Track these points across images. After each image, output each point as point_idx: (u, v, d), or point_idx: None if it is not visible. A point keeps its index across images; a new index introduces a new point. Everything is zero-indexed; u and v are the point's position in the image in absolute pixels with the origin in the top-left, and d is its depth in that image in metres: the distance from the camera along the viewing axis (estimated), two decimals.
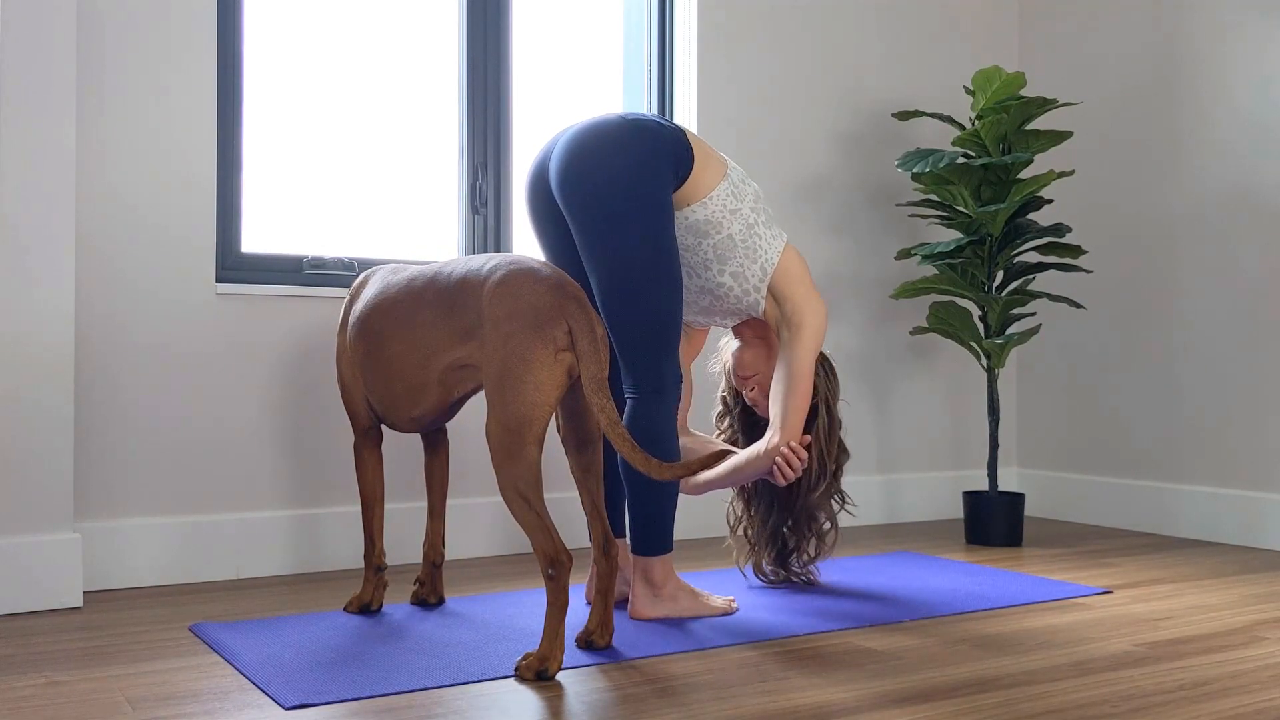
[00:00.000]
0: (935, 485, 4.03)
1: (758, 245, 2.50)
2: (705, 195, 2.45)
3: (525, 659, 2.01)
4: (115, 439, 2.78)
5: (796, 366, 2.49)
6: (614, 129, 2.37)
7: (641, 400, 2.38)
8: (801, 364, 2.49)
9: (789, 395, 2.49)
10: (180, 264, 2.85)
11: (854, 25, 3.89)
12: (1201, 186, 3.61)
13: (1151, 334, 3.75)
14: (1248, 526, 3.46)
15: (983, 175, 3.41)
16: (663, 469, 2.03)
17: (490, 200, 3.32)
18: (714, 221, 2.46)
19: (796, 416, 2.49)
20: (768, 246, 2.51)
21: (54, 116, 2.55)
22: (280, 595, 2.69)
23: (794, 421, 2.49)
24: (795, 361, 2.49)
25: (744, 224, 2.48)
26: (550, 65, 3.47)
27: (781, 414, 2.49)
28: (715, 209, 2.46)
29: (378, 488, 2.50)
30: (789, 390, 2.49)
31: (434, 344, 2.24)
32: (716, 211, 2.46)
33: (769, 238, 2.51)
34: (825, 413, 2.63)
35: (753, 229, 2.49)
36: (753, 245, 2.50)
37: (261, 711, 1.81)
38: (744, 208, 2.49)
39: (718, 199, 2.45)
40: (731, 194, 2.47)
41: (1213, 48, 3.58)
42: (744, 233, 2.48)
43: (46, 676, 2.00)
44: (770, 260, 2.51)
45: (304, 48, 3.12)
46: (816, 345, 2.51)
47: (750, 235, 2.49)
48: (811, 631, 2.33)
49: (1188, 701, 1.88)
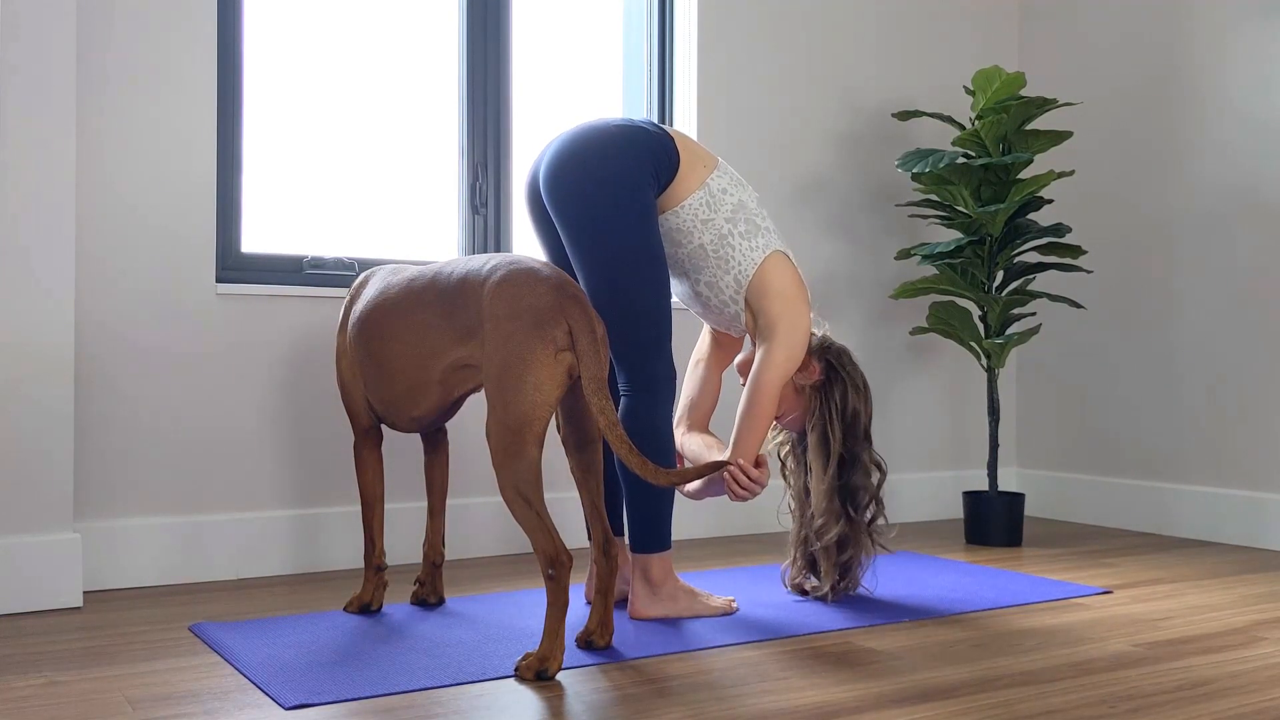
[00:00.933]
0: (935, 485, 4.03)
1: (730, 256, 2.46)
2: (678, 204, 2.45)
3: (525, 659, 2.01)
4: (115, 439, 2.78)
5: (757, 386, 2.43)
6: (599, 134, 2.40)
7: (634, 398, 2.39)
8: (763, 383, 2.42)
9: (743, 415, 2.44)
10: (180, 264, 2.85)
11: (854, 25, 3.89)
12: (1201, 186, 3.61)
13: (1151, 334, 3.75)
14: (1248, 526, 3.46)
15: (983, 175, 3.41)
16: (659, 474, 2.03)
17: (490, 200, 3.32)
18: (684, 230, 2.47)
19: (749, 437, 2.43)
20: (742, 258, 2.46)
21: (54, 116, 2.55)
22: (280, 595, 2.69)
23: (744, 443, 2.44)
24: (757, 380, 2.44)
25: (715, 234, 2.46)
26: (550, 65, 3.47)
27: (735, 433, 2.46)
28: (686, 218, 2.46)
29: (378, 488, 2.50)
30: (745, 409, 2.44)
31: (434, 344, 2.24)
32: (687, 220, 2.46)
33: (745, 249, 2.46)
34: (817, 430, 2.51)
35: (725, 240, 2.46)
36: (724, 256, 2.47)
37: (261, 711, 1.81)
38: (718, 218, 2.46)
39: (690, 208, 2.45)
40: (705, 204, 2.46)
41: (1213, 48, 3.58)
42: (715, 243, 2.46)
43: (46, 676, 2.00)
44: (745, 271, 2.47)
45: (304, 48, 3.12)
46: (786, 364, 2.43)
47: (722, 246, 2.46)
48: (811, 631, 2.33)
49: (1187, 701, 1.88)
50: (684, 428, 2.68)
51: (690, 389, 2.71)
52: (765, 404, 2.43)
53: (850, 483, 2.53)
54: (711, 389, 2.71)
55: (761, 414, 2.43)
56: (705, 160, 2.50)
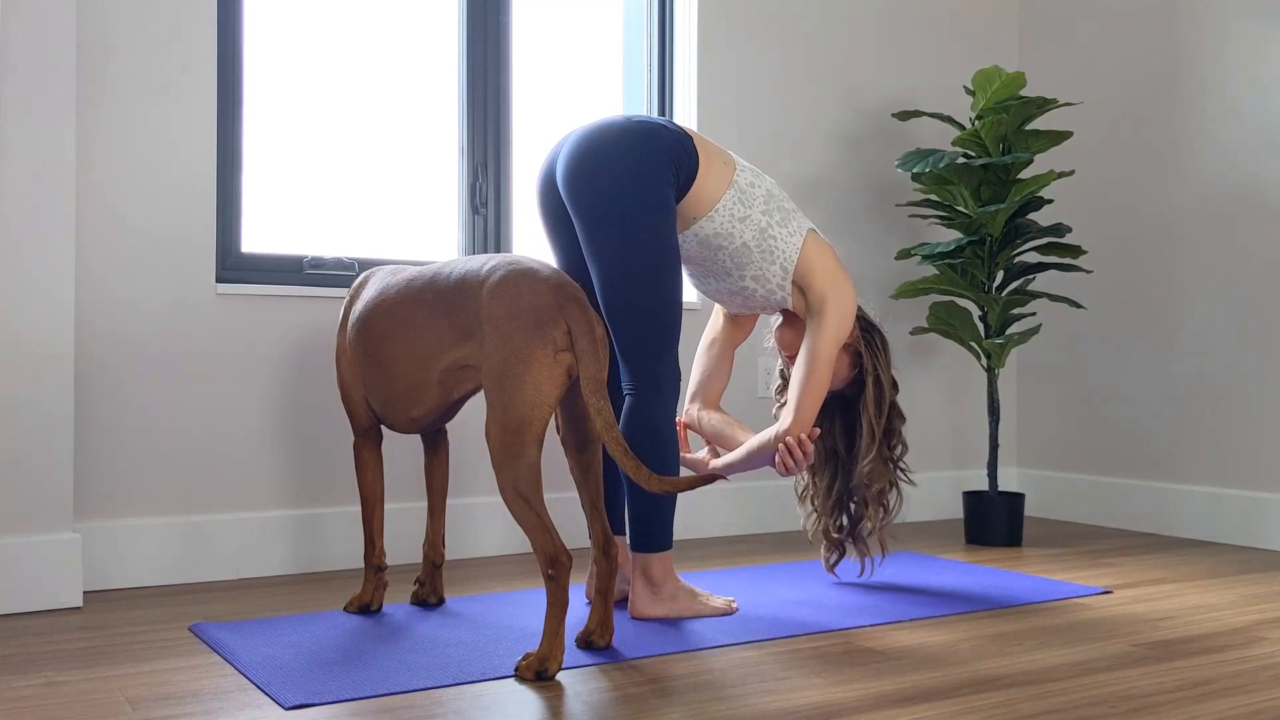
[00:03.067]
0: (935, 485, 4.03)
1: (774, 247, 2.50)
2: (711, 209, 2.45)
3: (525, 659, 2.01)
4: (115, 439, 2.78)
5: (815, 355, 2.49)
6: (618, 131, 2.39)
7: (639, 397, 2.39)
8: (820, 352, 2.49)
9: (804, 384, 2.49)
10: (180, 264, 2.85)
11: (854, 25, 3.89)
12: (1201, 186, 3.61)
13: (1151, 334, 3.75)
14: (1248, 526, 3.46)
15: (983, 175, 3.41)
16: (653, 481, 2.03)
17: (490, 200, 3.32)
18: (724, 233, 2.47)
19: (809, 406, 2.49)
20: (785, 245, 2.51)
21: (54, 117, 2.55)
22: (280, 595, 2.69)
23: (806, 411, 2.49)
24: (814, 349, 2.49)
25: (755, 229, 2.48)
26: (550, 65, 3.47)
27: (795, 402, 2.49)
28: (723, 221, 2.46)
29: (377, 488, 2.50)
30: (804, 379, 2.49)
31: (433, 345, 2.24)
32: (725, 223, 2.47)
33: (784, 236, 2.51)
34: (872, 385, 2.63)
35: (765, 232, 2.49)
36: (768, 248, 2.50)
37: (261, 711, 1.81)
38: (754, 213, 2.48)
39: (724, 210, 2.46)
40: (738, 201, 2.47)
41: (1213, 48, 3.58)
42: (757, 238, 2.49)
43: (46, 676, 2.00)
44: (790, 258, 2.51)
45: (304, 48, 3.12)
46: (839, 332, 2.50)
47: (764, 239, 2.49)
48: (811, 631, 2.33)
49: (1188, 701, 1.88)
50: (698, 404, 2.73)
51: (704, 367, 2.76)
52: (824, 371, 2.49)
53: (893, 426, 2.69)
54: (724, 369, 2.76)
55: (821, 381, 2.49)
56: (724, 157, 2.50)
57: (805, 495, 2.82)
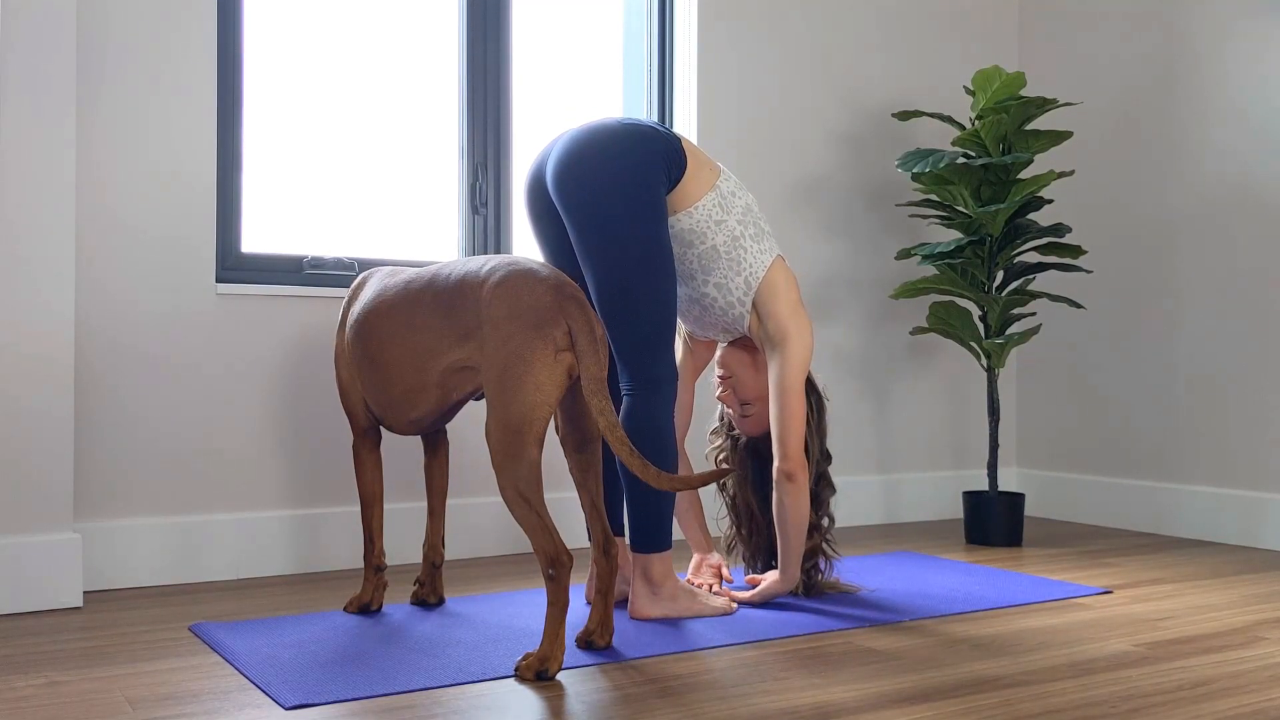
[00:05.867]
0: (935, 485, 4.03)
1: (742, 258, 2.50)
2: (691, 205, 2.46)
3: (525, 659, 2.01)
4: (115, 439, 2.78)
5: (785, 389, 2.48)
6: (610, 133, 2.40)
7: (637, 396, 2.39)
8: (790, 384, 2.48)
9: (784, 421, 2.47)
10: (180, 264, 2.85)
11: (854, 25, 3.89)
12: (1201, 186, 3.61)
13: (1151, 334, 3.75)
14: (1248, 526, 3.46)
15: (983, 175, 3.41)
16: (660, 478, 2.03)
17: (490, 200, 3.32)
18: (698, 231, 2.48)
19: (795, 441, 2.48)
20: (753, 260, 2.50)
21: (54, 117, 2.55)
22: (280, 595, 2.69)
23: (794, 446, 2.48)
24: (783, 383, 2.48)
25: (728, 236, 2.49)
26: (550, 65, 3.48)
27: (781, 440, 2.48)
28: (700, 219, 2.47)
29: (377, 488, 2.50)
30: (782, 415, 2.48)
31: (432, 346, 2.24)
32: (701, 221, 2.47)
33: (755, 251, 2.51)
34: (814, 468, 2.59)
35: (737, 241, 2.49)
36: (737, 257, 2.49)
37: (261, 711, 1.81)
38: (730, 220, 2.49)
39: (703, 209, 2.47)
40: (718, 205, 2.48)
41: (1213, 48, 3.58)
42: (728, 244, 2.49)
43: (46, 676, 2.00)
44: (755, 274, 2.50)
45: (304, 48, 3.12)
46: (804, 363, 2.49)
47: (734, 247, 2.49)
48: (811, 631, 2.33)
49: (1188, 701, 1.88)
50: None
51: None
52: (798, 404, 2.49)
53: (821, 497, 2.62)
54: (686, 400, 2.74)
55: (798, 413, 2.48)
56: (710, 165, 2.52)
57: (732, 548, 2.76)
